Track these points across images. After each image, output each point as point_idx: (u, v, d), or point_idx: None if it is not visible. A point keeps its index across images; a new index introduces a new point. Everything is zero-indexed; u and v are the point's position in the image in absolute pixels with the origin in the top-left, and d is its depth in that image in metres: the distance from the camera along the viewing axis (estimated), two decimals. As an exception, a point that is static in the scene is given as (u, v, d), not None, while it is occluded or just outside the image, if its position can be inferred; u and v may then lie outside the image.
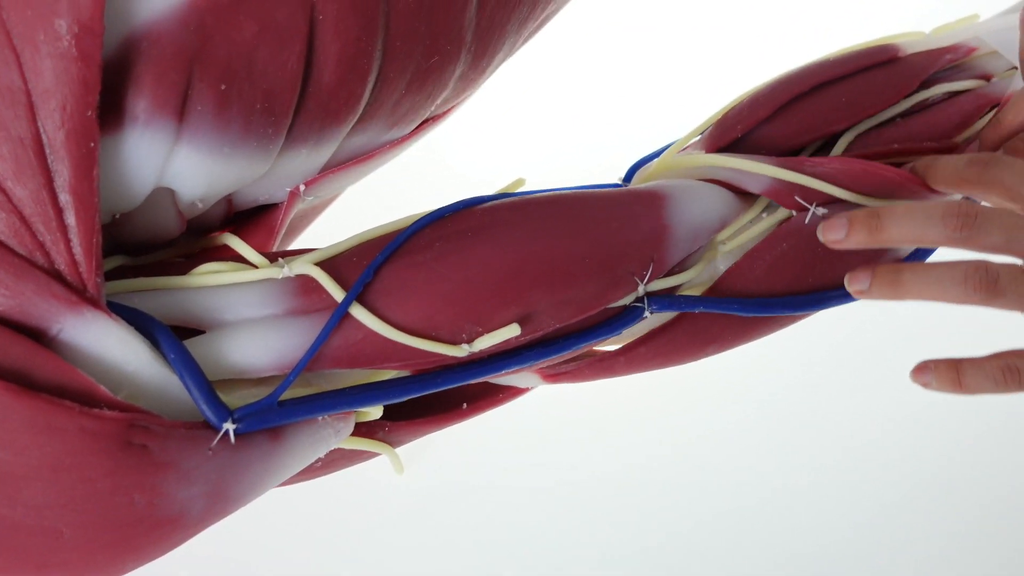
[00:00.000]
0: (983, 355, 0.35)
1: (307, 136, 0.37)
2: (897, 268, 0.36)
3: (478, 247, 0.36)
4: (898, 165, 0.46)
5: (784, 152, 0.45)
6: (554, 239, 0.37)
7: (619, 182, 0.46)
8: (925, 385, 0.36)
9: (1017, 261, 0.34)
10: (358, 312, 0.35)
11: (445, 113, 0.44)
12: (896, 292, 0.36)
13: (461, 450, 0.54)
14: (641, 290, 0.39)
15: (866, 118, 0.45)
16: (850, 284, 0.38)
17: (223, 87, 0.33)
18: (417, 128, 0.43)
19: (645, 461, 0.61)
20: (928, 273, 0.35)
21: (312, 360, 0.35)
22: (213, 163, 0.34)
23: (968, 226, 0.34)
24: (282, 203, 0.40)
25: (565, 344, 0.38)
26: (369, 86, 0.37)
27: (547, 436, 0.56)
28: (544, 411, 0.55)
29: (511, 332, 0.36)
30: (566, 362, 0.42)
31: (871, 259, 0.43)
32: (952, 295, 0.34)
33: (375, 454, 0.41)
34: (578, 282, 0.37)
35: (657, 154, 0.46)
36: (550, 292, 0.37)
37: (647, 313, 0.40)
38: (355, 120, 0.38)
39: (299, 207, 0.41)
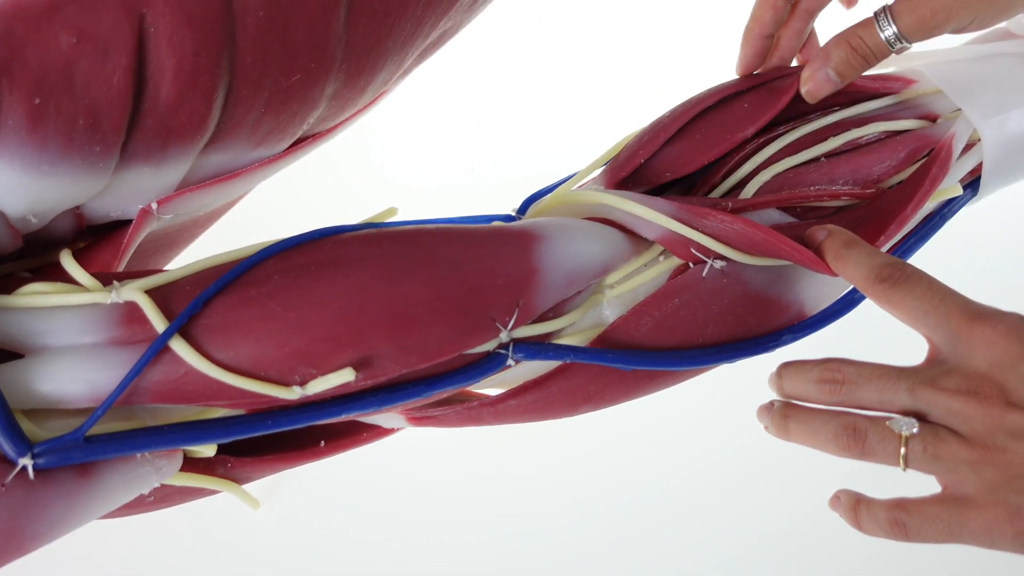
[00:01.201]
0: (879, 500, 0.34)
1: (148, 154, 0.35)
2: (786, 414, 0.36)
3: (317, 284, 0.34)
4: (812, 210, 0.42)
5: (692, 173, 0.42)
6: (400, 281, 0.34)
7: (512, 214, 0.43)
8: (841, 516, 0.36)
9: (895, 415, 0.34)
10: (178, 347, 0.33)
11: (331, 130, 0.42)
12: (785, 436, 0.36)
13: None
14: (504, 336, 0.36)
15: (771, 120, 0.42)
16: (758, 418, 0.38)
17: (37, 101, 0.31)
18: (295, 146, 0.40)
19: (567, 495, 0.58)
20: (809, 423, 0.35)
21: (129, 394, 0.33)
22: (31, 180, 0.32)
23: (838, 392, 0.34)
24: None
25: (414, 391, 0.35)
26: (217, 103, 0.34)
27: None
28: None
29: (344, 377, 0.33)
30: (436, 404, 0.40)
31: (766, 321, 0.39)
32: (827, 449, 0.35)
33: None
34: (424, 328, 0.34)
35: (556, 186, 0.43)
36: (392, 337, 0.34)
37: (510, 361, 0.37)
38: (207, 138, 0.36)
39: (158, 225, 0.39)
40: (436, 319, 0.34)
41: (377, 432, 0.41)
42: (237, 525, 0.43)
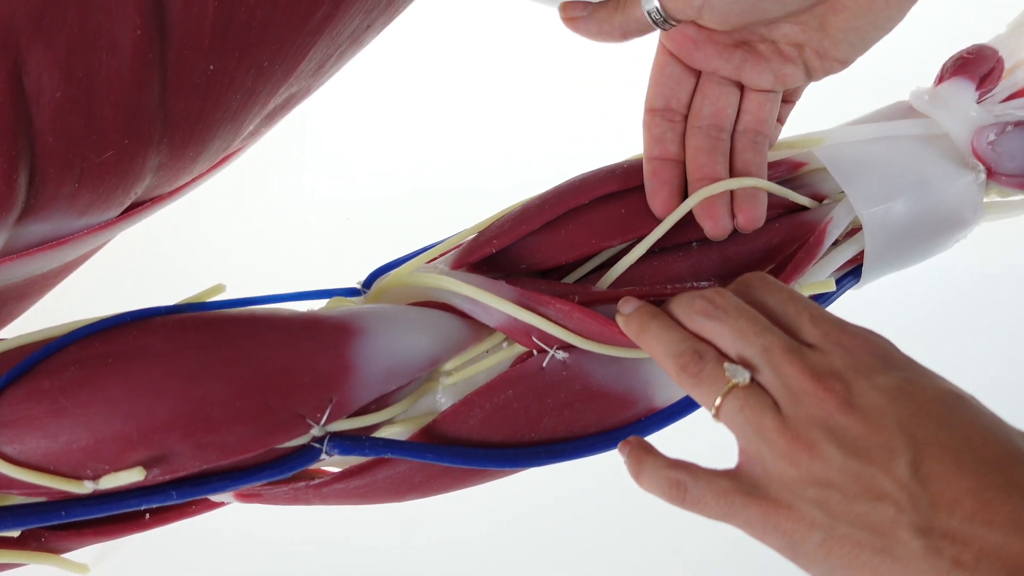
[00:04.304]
0: (669, 457, 0.32)
1: (-50, 230, 0.34)
2: (652, 315, 0.35)
3: (110, 379, 0.33)
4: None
5: (545, 271, 0.40)
6: (199, 380, 0.33)
7: (358, 286, 0.41)
8: (625, 463, 0.33)
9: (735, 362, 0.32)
10: (-36, 438, 0.32)
11: (174, 192, 0.40)
12: (637, 335, 0.35)
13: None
14: (318, 431, 0.35)
15: (644, 235, 0.39)
16: (620, 307, 0.36)
17: None
18: (132, 210, 0.39)
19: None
20: (665, 333, 0.33)
21: (-82, 480, 0.32)
22: None
23: (708, 314, 0.33)
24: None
25: (219, 484, 0.35)
26: (20, 182, 0.33)
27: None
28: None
29: (134, 477, 0.33)
30: (267, 483, 0.39)
31: (607, 416, 0.38)
32: (666, 364, 0.33)
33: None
34: (223, 427, 0.33)
35: (406, 259, 0.41)
36: (187, 436, 0.33)
37: (324, 456, 0.36)
38: (16, 214, 0.35)
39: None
40: (236, 418, 0.33)
41: (205, 505, 0.40)
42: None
